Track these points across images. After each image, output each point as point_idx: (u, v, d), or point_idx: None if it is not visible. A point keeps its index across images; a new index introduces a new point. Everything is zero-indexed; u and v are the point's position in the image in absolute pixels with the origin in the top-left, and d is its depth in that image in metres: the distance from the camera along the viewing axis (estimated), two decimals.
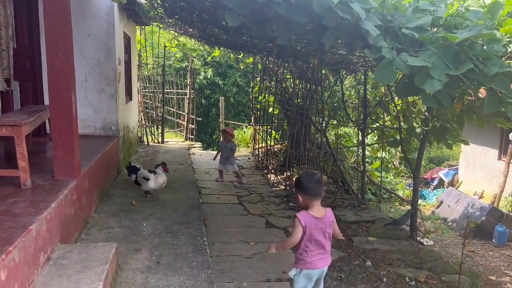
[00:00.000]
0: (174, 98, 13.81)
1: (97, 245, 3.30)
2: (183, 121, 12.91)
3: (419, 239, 5.49)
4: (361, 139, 7.18)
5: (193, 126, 12.59)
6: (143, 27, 10.19)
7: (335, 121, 8.64)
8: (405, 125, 5.97)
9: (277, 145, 9.49)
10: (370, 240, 4.93)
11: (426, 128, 5.11)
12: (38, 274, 2.69)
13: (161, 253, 3.64)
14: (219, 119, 13.37)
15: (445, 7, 3.22)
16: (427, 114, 5.17)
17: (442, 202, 10.07)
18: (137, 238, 3.96)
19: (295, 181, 2.90)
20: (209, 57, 15.45)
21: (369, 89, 7.47)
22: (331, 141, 8.53)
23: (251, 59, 10.74)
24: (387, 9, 3.14)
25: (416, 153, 5.80)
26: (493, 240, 7.93)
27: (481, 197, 10.62)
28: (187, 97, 12.49)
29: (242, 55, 10.84)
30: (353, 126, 8.50)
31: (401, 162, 12.19)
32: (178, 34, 9.77)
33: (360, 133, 7.20)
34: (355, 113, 7.99)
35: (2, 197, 3.15)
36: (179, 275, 3.26)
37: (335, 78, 7.90)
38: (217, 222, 5.06)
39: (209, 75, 15.78)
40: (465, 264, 5.72)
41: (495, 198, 10.01)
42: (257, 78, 10.61)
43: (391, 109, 6.62)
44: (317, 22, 3.12)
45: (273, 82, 9.02)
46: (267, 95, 9.31)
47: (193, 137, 12.51)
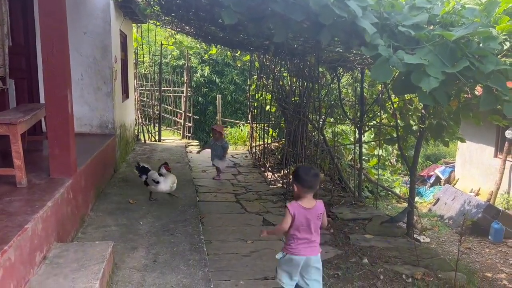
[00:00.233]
0: (171, 96, 13.77)
1: (93, 243, 3.29)
2: (180, 119, 12.87)
3: (416, 236, 5.51)
4: (358, 136, 7.19)
5: (190, 124, 12.56)
6: (139, 24, 10.14)
7: (332, 119, 8.64)
8: (402, 123, 5.98)
9: (274, 143, 9.49)
10: (367, 237, 4.94)
11: (422, 125, 5.13)
12: (34, 273, 2.68)
13: (158, 252, 3.63)
14: (216, 117, 13.36)
15: (441, 5, 3.23)
16: (423, 111, 5.18)
17: (438, 199, 10.11)
18: (133, 236, 3.95)
19: (293, 171, 3.08)
20: (206, 55, 15.40)
21: (366, 87, 7.47)
22: (328, 139, 8.53)
23: (248, 57, 10.72)
24: (383, 6, 3.14)
25: (412, 150, 5.82)
26: (489, 237, 7.97)
27: (478, 194, 10.67)
28: (184, 95, 12.45)
29: (239, 53, 10.82)
30: (350, 124, 8.51)
31: (398, 159, 12.24)
32: (174, 32, 9.73)
33: (357, 130, 7.21)
34: (352, 111, 7.99)
35: None
36: (176, 274, 3.26)
37: (332, 76, 7.90)
38: (214, 220, 5.06)
39: (206, 73, 15.75)
40: (462, 261, 5.75)
41: (491, 195, 10.06)
42: (254, 76, 10.59)
43: (388, 106, 6.63)
44: (314, 19, 3.12)
45: (270, 80, 9.01)
46: (264, 93, 9.30)
47: (190, 135, 12.48)
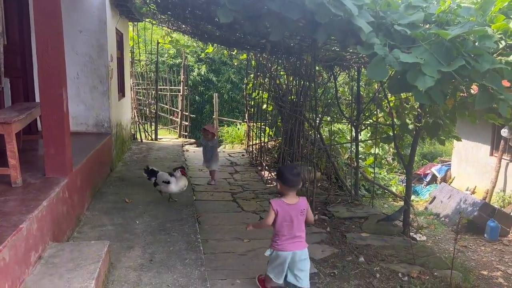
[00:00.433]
0: (167, 95, 13.74)
1: (89, 243, 3.28)
2: (177, 118, 12.86)
3: (412, 235, 5.52)
4: (354, 135, 7.20)
5: (186, 123, 12.54)
6: (135, 23, 10.12)
7: (329, 118, 8.65)
8: (398, 122, 5.99)
9: (271, 142, 9.49)
10: (363, 236, 4.96)
11: (419, 124, 5.14)
12: (29, 273, 2.67)
13: (154, 251, 3.62)
14: (213, 116, 13.33)
15: (437, 4, 3.23)
16: (419, 110, 5.19)
17: (435, 197, 10.14)
18: (130, 236, 3.94)
19: (277, 170, 3.21)
20: (202, 54, 15.39)
21: (362, 85, 7.47)
22: (325, 137, 8.54)
23: (244, 56, 10.72)
24: (379, 5, 3.13)
25: (409, 149, 5.83)
26: (485, 235, 8.01)
27: (473, 193, 10.71)
28: (181, 93, 12.44)
29: (235, 51, 10.82)
30: (346, 122, 8.51)
31: (394, 158, 12.26)
32: (171, 30, 9.72)
33: (353, 129, 7.22)
34: (348, 110, 7.99)
35: None
36: (172, 273, 3.25)
37: (329, 74, 7.90)
38: (210, 219, 5.06)
39: (202, 72, 15.72)
40: (457, 259, 5.77)
41: (487, 193, 10.10)
42: (251, 74, 10.59)
43: (384, 105, 6.64)
44: (310, 18, 3.11)
45: (266, 78, 9.00)
46: (261, 91, 9.29)
47: (186, 134, 12.47)
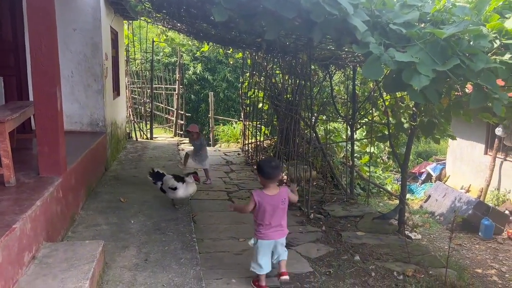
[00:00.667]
0: (163, 93, 13.69)
1: (83, 243, 3.26)
2: (172, 116, 12.82)
3: (407, 233, 5.54)
4: (350, 134, 7.20)
5: (182, 121, 12.50)
6: (130, 21, 10.06)
7: (324, 117, 8.65)
8: (394, 120, 6.00)
9: (266, 141, 9.48)
10: (358, 234, 4.96)
11: (414, 123, 5.15)
12: (22, 273, 2.65)
13: (149, 250, 3.61)
14: (209, 115, 13.30)
15: (432, 3, 3.24)
16: (415, 109, 5.20)
17: (430, 196, 10.18)
18: (124, 235, 3.92)
19: (257, 164, 3.39)
20: (198, 52, 15.34)
21: (358, 84, 7.48)
22: (321, 136, 8.54)
23: (240, 54, 10.69)
24: (374, 4, 3.13)
25: (404, 148, 5.85)
26: (480, 233, 8.05)
27: (468, 191, 10.77)
28: (176, 92, 12.40)
29: (231, 50, 10.79)
30: (342, 121, 8.52)
31: (390, 157, 12.28)
32: (166, 29, 9.67)
33: (349, 128, 7.22)
34: (344, 109, 8.00)
35: None
36: (168, 272, 3.24)
37: (324, 73, 7.90)
38: (206, 218, 5.04)
39: (198, 70, 15.67)
40: (452, 257, 5.80)
41: (481, 192, 10.16)
42: (247, 73, 10.57)
43: (380, 104, 6.65)
44: (305, 17, 3.11)
45: (262, 77, 8.99)
46: (256, 90, 9.28)
47: (182, 133, 12.42)
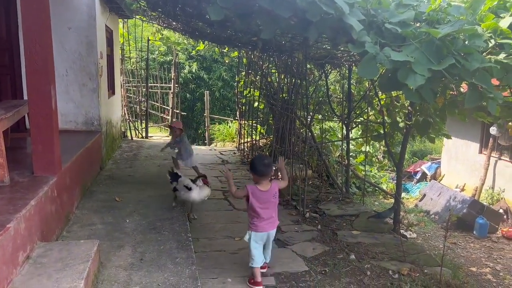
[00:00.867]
0: (158, 92, 13.64)
1: (78, 242, 3.24)
2: (168, 115, 12.78)
3: (403, 232, 5.56)
4: (345, 133, 7.22)
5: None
6: (125, 20, 10.02)
7: (320, 116, 8.66)
8: (389, 120, 6.02)
9: (262, 140, 9.48)
10: (354, 233, 4.97)
11: (409, 122, 5.17)
12: (17, 273, 2.63)
13: (144, 250, 3.59)
14: (204, 114, 13.28)
15: (427, 2, 3.24)
16: (410, 108, 5.22)
17: (425, 195, 10.23)
18: (120, 234, 3.90)
19: (250, 161, 3.51)
20: (193, 51, 15.30)
21: (353, 83, 7.49)
22: (316, 135, 8.56)
23: (236, 53, 10.68)
24: (370, 3, 3.14)
25: (399, 147, 5.87)
26: (474, 232, 8.10)
27: (463, 190, 10.83)
28: (172, 91, 12.36)
29: (227, 49, 10.77)
30: (337, 120, 8.54)
31: (385, 156, 12.34)
32: (161, 27, 9.64)
33: (344, 127, 7.24)
34: (339, 108, 8.01)
35: None
36: (163, 272, 3.23)
37: (320, 72, 7.91)
38: (202, 217, 5.04)
39: (193, 69, 15.63)
40: (447, 256, 5.83)
41: (476, 191, 10.22)
42: (242, 72, 10.56)
43: (375, 103, 6.67)
44: (301, 16, 3.11)
45: (258, 76, 8.98)
46: (252, 89, 9.28)
47: None
